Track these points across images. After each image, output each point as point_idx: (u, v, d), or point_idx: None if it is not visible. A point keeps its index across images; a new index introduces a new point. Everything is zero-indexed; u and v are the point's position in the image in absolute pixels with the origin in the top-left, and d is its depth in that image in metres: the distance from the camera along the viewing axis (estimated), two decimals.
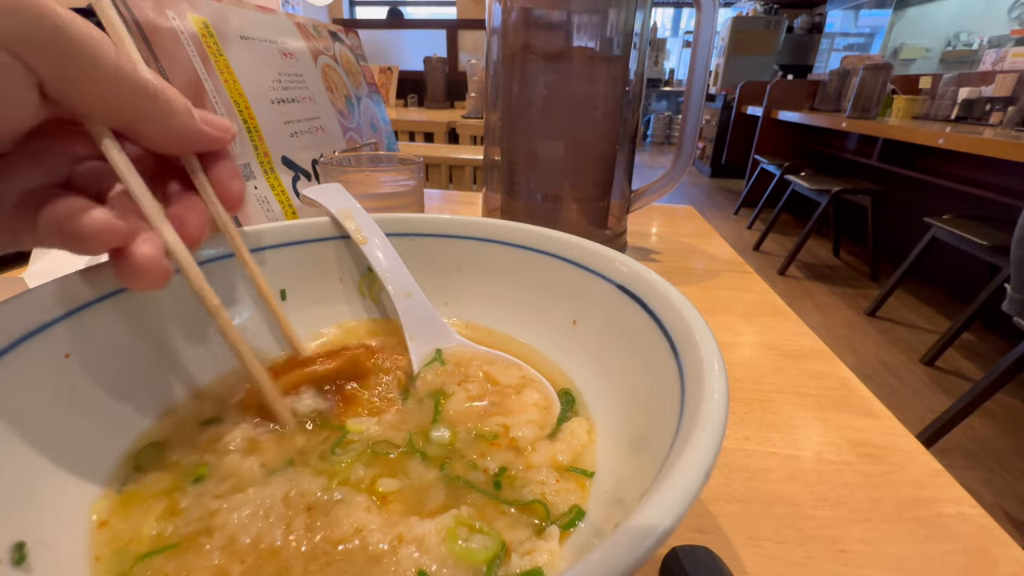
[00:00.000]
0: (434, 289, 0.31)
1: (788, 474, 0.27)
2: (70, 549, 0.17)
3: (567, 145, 0.49)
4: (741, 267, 0.56)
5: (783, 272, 2.62)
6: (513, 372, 0.28)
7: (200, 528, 0.18)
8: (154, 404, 0.24)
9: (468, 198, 0.78)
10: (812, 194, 2.54)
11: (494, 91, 0.50)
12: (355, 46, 0.75)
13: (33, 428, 0.19)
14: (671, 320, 0.21)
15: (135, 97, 0.18)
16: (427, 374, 0.28)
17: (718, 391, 0.16)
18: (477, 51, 3.43)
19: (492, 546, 0.18)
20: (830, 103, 3.34)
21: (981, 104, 2.59)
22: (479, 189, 0.81)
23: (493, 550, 0.18)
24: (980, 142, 1.76)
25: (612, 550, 0.11)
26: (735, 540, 0.23)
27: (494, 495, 0.20)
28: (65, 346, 0.21)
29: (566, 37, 0.46)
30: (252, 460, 0.21)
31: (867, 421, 0.31)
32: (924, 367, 1.79)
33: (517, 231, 0.31)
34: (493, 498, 0.20)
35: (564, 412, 0.25)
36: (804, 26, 5.41)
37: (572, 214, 0.52)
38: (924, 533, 0.24)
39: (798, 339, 0.41)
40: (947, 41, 4.30)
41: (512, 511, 0.20)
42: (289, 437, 0.23)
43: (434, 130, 2.34)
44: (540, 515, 0.19)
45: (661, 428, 0.17)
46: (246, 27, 0.49)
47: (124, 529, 0.19)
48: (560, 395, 0.26)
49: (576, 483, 0.21)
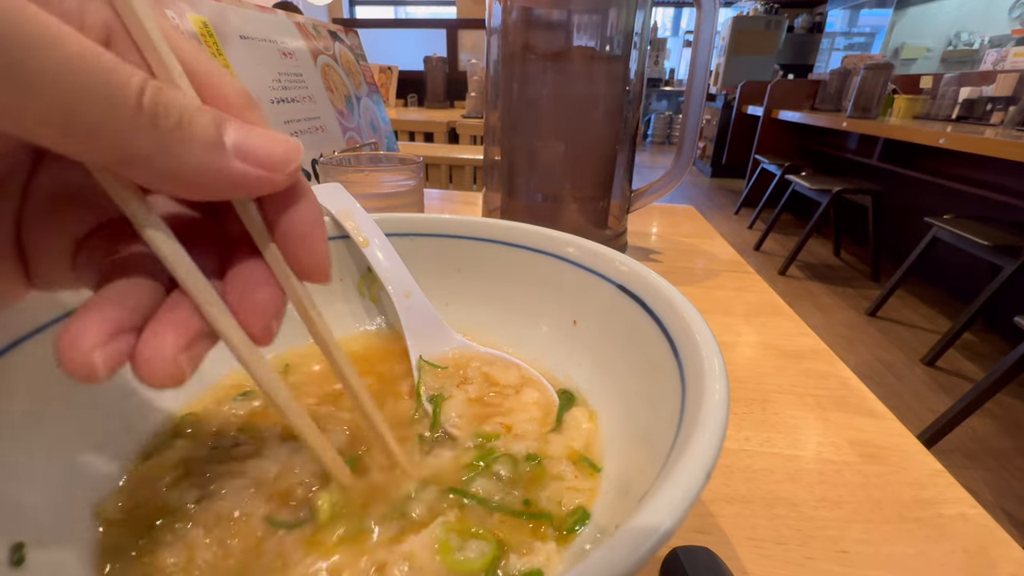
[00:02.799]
0: (434, 289, 0.31)
1: (788, 474, 0.27)
2: (70, 549, 0.17)
3: (567, 145, 0.49)
4: (741, 267, 0.56)
5: (784, 272, 2.62)
6: (512, 372, 0.28)
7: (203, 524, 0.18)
8: (156, 404, 0.24)
9: (468, 198, 0.78)
10: (813, 194, 2.54)
11: (494, 91, 0.50)
12: (355, 46, 0.75)
13: (33, 428, 0.19)
14: (672, 320, 0.21)
15: (111, 117, 0.10)
16: (426, 377, 0.27)
17: (719, 392, 0.16)
18: (477, 51, 3.43)
19: (488, 551, 0.18)
20: (831, 103, 3.34)
21: (982, 104, 2.59)
22: (479, 189, 0.81)
23: (490, 555, 0.18)
24: (981, 142, 1.76)
25: (613, 551, 0.11)
26: (735, 541, 0.23)
27: (498, 506, 0.20)
28: None
29: (566, 37, 0.46)
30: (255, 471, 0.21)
31: (868, 421, 0.31)
32: (925, 367, 1.79)
33: (517, 231, 0.31)
34: (496, 510, 0.20)
35: (563, 407, 0.25)
36: (805, 26, 5.40)
37: (572, 214, 0.52)
38: (925, 533, 0.23)
39: (799, 339, 0.41)
40: (948, 41, 4.30)
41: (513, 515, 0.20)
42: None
43: (434, 130, 2.34)
44: (546, 520, 0.19)
45: (662, 429, 0.17)
46: (246, 27, 0.49)
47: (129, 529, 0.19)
48: (560, 395, 0.26)
49: (588, 476, 0.21)
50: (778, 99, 3.58)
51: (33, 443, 0.18)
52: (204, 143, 0.11)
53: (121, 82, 0.10)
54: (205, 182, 0.12)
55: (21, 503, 0.17)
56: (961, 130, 2.02)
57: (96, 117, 0.09)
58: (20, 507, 0.17)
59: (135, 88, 0.10)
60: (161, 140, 0.10)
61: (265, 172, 0.12)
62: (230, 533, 0.18)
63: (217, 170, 0.12)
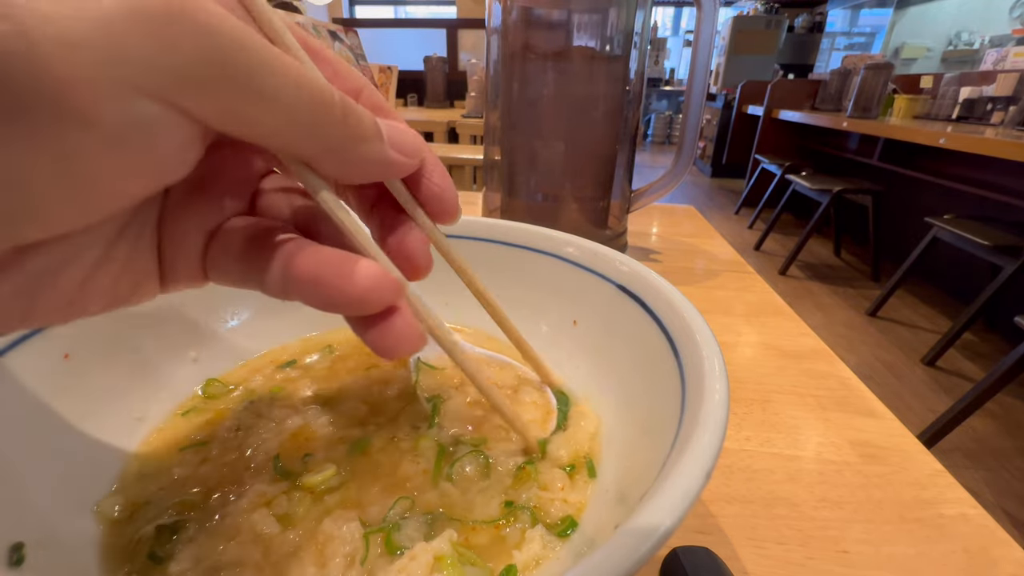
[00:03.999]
0: (434, 289, 0.31)
1: (789, 475, 0.27)
2: (70, 550, 0.17)
3: (567, 145, 0.49)
4: (742, 267, 0.56)
5: (784, 272, 2.62)
6: (508, 373, 0.28)
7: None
8: (154, 405, 0.24)
9: (468, 198, 0.78)
10: (813, 194, 2.53)
11: (494, 91, 0.50)
12: (355, 46, 0.75)
13: (33, 428, 0.19)
14: (672, 320, 0.21)
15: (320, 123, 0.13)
16: (424, 379, 0.27)
17: (719, 392, 0.16)
18: (477, 51, 3.43)
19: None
20: (831, 103, 3.34)
21: (982, 104, 2.59)
22: (479, 189, 0.81)
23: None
24: (981, 142, 1.75)
25: (613, 551, 0.11)
26: (735, 541, 0.23)
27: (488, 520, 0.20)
28: (65, 346, 0.21)
29: (566, 36, 0.46)
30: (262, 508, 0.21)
31: (868, 421, 0.31)
32: (925, 367, 1.79)
33: (517, 231, 0.31)
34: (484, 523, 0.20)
35: (563, 414, 0.25)
36: (805, 25, 5.40)
37: (572, 214, 0.52)
38: (925, 533, 0.23)
39: (799, 339, 0.41)
40: (948, 40, 4.30)
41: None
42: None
43: (434, 130, 2.34)
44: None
45: (662, 428, 0.17)
46: None
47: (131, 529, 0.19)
48: (556, 395, 0.26)
49: (580, 486, 0.21)
50: (778, 99, 3.57)
51: (33, 443, 0.18)
52: (373, 135, 0.15)
53: (328, 95, 0.13)
54: (373, 167, 0.15)
55: (21, 503, 0.17)
56: (961, 130, 2.02)
57: (312, 121, 0.13)
58: (20, 507, 0.17)
59: (338, 99, 0.13)
60: (351, 136, 0.14)
61: (408, 159, 0.16)
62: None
63: (382, 158, 0.15)
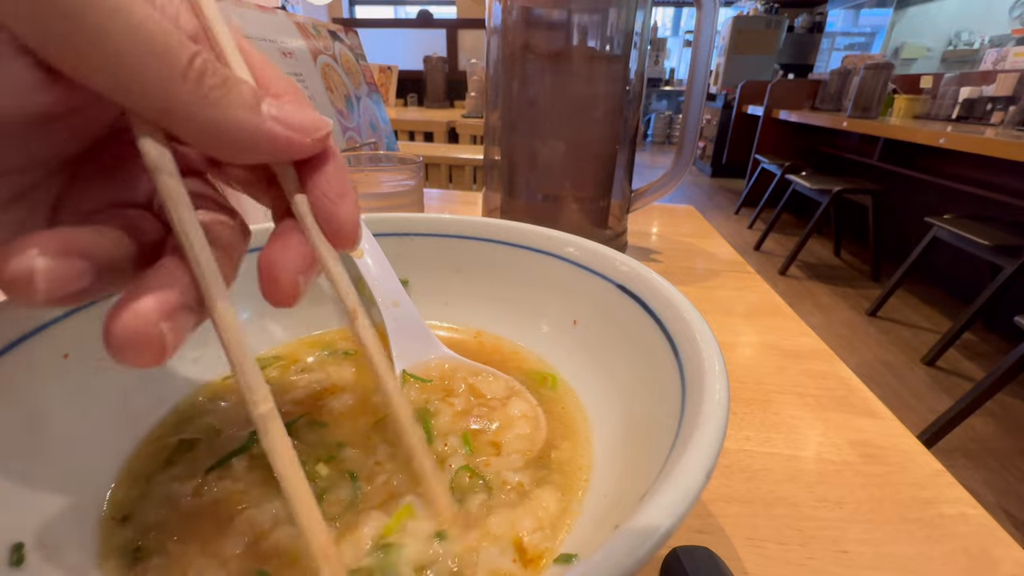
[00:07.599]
0: (433, 289, 0.31)
1: (789, 475, 0.27)
2: (70, 550, 0.17)
3: (567, 145, 0.49)
4: (742, 267, 0.56)
5: (784, 272, 2.62)
6: (498, 384, 0.27)
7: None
8: (156, 405, 0.24)
9: (468, 198, 0.78)
10: (813, 194, 2.53)
11: (494, 91, 0.50)
12: (355, 45, 0.75)
13: (33, 428, 0.19)
14: (672, 320, 0.21)
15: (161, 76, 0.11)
16: (410, 391, 0.27)
17: (719, 392, 0.16)
18: (477, 51, 3.42)
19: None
20: (831, 103, 3.34)
21: (982, 104, 2.58)
22: (479, 189, 0.81)
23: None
24: (981, 142, 1.75)
25: (613, 551, 0.11)
26: (736, 541, 0.23)
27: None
28: (65, 346, 0.21)
29: (566, 36, 0.46)
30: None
31: (868, 421, 0.31)
32: (925, 367, 1.79)
33: (517, 231, 0.30)
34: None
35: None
36: (805, 25, 5.39)
37: (572, 214, 0.52)
38: (925, 534, 0.23)
39: (799, 339, 0.41)
40: (948, 40, 4.29)
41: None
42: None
43: (434, 130, 2.34)
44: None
45: (662, 429, 0.17)
46: (246, 26, 0.49)
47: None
48: (545, 378, 0.26)
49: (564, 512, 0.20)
50: (778, 99, 3.57)
51: (33, 443, 0.18)
52: (241, 103, 0.13)
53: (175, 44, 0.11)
54: (241, 138, 0.13)
55: (21, 503, 0.17)
56: (961, 130, 2.02)
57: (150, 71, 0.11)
58: (20, 507, 0.17)
59: (189, 53, 0.12)
60: (204, 95, 0.12)
61: (295, 134, 0.14)
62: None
63: (253, 127, 0.13)
